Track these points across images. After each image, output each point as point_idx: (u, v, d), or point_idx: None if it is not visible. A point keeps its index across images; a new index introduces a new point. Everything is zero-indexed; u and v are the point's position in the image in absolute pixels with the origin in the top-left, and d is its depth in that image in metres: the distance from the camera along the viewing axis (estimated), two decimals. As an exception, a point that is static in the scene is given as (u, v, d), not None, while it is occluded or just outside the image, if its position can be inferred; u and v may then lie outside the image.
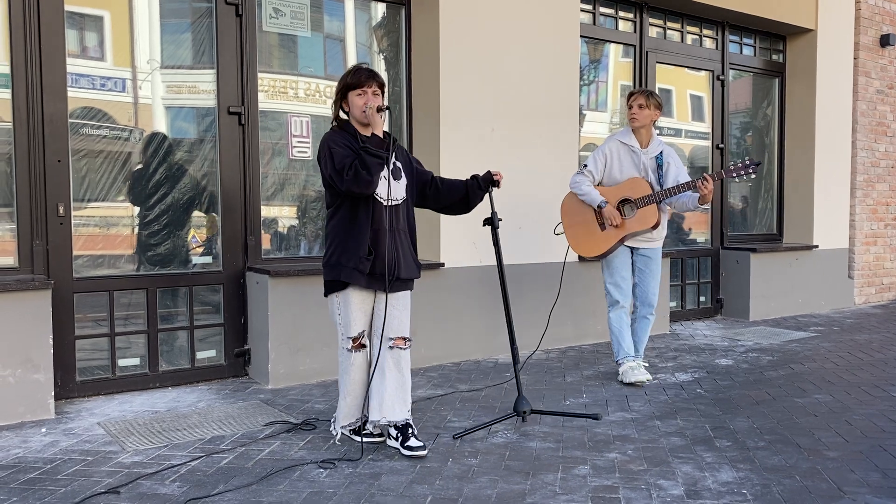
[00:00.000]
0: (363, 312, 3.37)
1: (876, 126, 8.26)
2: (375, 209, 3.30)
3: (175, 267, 4.58)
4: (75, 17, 4.24)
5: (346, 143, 3.29)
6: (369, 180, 3.18)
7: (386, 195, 3.32)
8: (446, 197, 3.59)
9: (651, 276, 4.69)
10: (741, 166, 4.38)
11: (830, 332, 6.49)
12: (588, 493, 2.87)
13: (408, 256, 3.41)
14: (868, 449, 3.40)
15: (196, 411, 3.99)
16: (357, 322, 3.35)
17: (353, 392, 3.40)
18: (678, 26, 7.01)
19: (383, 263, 3.29)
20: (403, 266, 3.37)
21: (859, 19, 7.97)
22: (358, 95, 3.33)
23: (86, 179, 4.29)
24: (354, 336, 3.36)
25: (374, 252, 3.29)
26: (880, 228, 8.44)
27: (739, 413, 3.98)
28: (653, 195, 4.47)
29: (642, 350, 4.79)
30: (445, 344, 5.20)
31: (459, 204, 3.61)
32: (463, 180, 3.61)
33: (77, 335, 4.24)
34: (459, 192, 3.59)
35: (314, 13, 5.01)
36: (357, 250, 3.27)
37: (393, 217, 3.35)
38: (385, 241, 3.30)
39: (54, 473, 3.07)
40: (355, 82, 3.32)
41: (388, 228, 3.32)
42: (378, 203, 3.31)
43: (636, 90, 4.63)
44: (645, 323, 4.77)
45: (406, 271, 3.38)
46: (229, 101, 4.67)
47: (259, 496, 2.83)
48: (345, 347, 3.38)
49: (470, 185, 3.58)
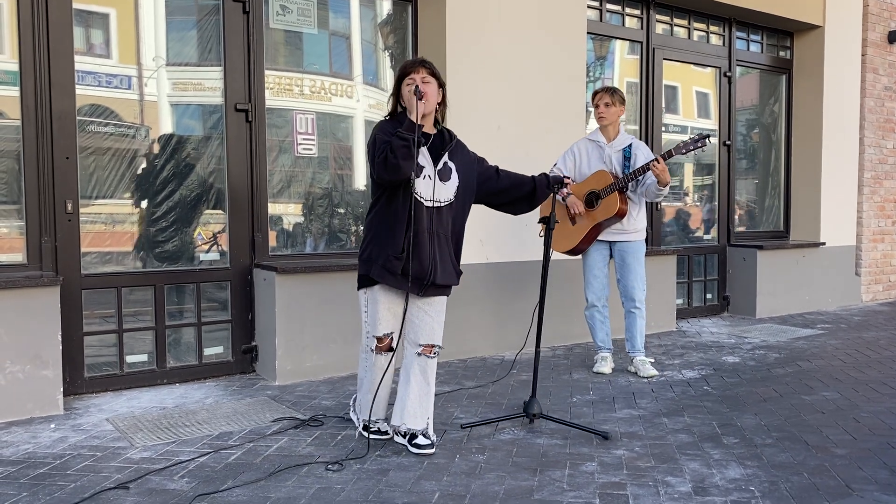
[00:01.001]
0: (392, 313, 3.27)
1: (884, 123, 8.23)
2: (416, 209, 3.17)
3: (182, 264, 4.59)
4: (82, 15, 4.25)
5: (391, 130, 3.18)
6: (395, 163, 3.04)
7: (429, 195, 3.20)
8: (513, 191, 3.48)
9: (629, 270, 4.69)
10: (690, 141, 4.42)
11: (838, 330, 6.47)
12: (596, 489, 2.87)
13: (446, 262, 3.27)
14: (876, 446, 3.39)
15: (204, 407, 4.00)
16: (384, 322, 3.27)
17: (372, 391, 3.38)
18: (685, 23, 6.99)
19: (419, 266, 3.18)
20: (440, 272, 3.23)
21: (867, 15, 7.93)
22: (406, 85, 3.23)
23: (93, 176, 4.30)
24: (380, 336, 3.28)
25: (409, 253, 3.16)
26: (888, 225, 8.41)
27: (747, 410, 3.97)
28: (614, 183, 4.53)
29: (639, 345, 4.75)
30: (452, 341, 5.20)
31: (524, 200, 3.51)
32: (530, 176, 3.54)
33: (85, 331, 4.25)
34: (527, 186, 3.49)
35: (321, 10, 5.01)
36: (389, 248, 3.17)
37: (435, 219, 3.22)
38: (423, 243, 3.18)
39: (63, 469, 3.08)
40: (404, 70, 3.24)
41: (428, 230, 3.20)
42: (419, 203, 3.18)
43: (600, 89, 4.71)
44: (632, 318, 4.75)
45: (442, 277, 3.24)
46: (236, 98, 4.67)
47: (267, 492, 2.84)
48: (368, 346, 3.34)
49: (539, 181, 3.50)
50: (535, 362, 3.71)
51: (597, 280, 4.73)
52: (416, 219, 3.18)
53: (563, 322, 5.73)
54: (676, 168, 7.06)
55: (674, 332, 6.32)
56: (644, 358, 4.75)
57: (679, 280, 6.98)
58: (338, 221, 5.14)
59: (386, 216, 3.21)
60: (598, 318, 4.81)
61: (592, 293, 4.76)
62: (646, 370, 4.69)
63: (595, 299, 4.76)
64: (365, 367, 3.40)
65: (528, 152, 5.51)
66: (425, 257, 3.19)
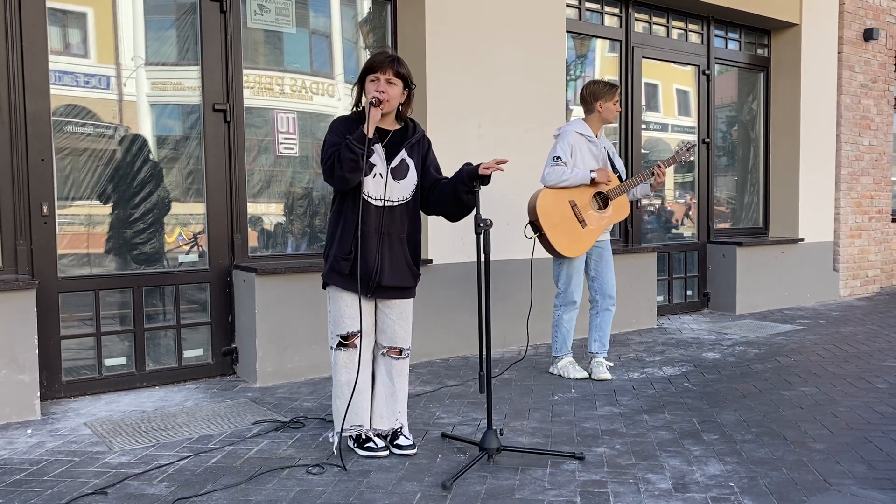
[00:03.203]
0: (354, 310, 3.14)
1: (860, 120, 8.32)
2: (364, 209, 3.07)
3: (161, 265, 4.55)
4: (58, 14, 4.20)
5: (344, 131, 3.06)
6: (341, 175, 2.95)
7: (379, 195, 3.10)
8: (438, 203, 3.21)
9: (607, 267, 4.71)
10: (683, 150, 4.62)
11: (816, 325, 6.54)
12: (576, 487, 2.88)
13: (398, 263, 3.15)
14: (853, 441, 3.43)
15: (183, 410, 3.97)
16: (346, 320, 3.15)
17: (342, 394, 3.19)
18: (664, 21, 7.02)
19: (364, 267, 3.08)
20: (388, 272, 3.12)
21: (843, 14, 8.02)
22: (371, 81, 3.07)
23: (70, 178, 4.25)
24: (343, 334, 3.16)
25: (356, 254, 3.07)
26: (865, 221, 8.51)
27: (727, 406, 4.00)
28: (622, 185, 4.55)
29: (607, 345, 4.74)
30: (434, 340, 5.20)
31: (453, 208, 3.18)
32: (450, 179, 3.19)
33: (62, 335, 4.21)
34: (446, 195, 3.16)
35: (299, 9, 4.98)
36: (338, 249, 3.10)
37: (385, 219, 3.12)
38: (370, 244, 3.09)
39: (40, 475, 3.04)
40: (370, 66, 3.07)
41: (377, 231, 3.11)
42: (367, 203, 3.09)
43: (616, 86, 4.62)
44: (608, 315, 4.72)
45: (390, 278, 3.12)
46: (214, 98, 4.64)
47: (247, 495, 2.82)
48: (331, 345, 3.22)
49: (455, 183, 3.12)
50: (488, 388, 3.18)
51: (581, 280, 4.68)
52: (364, 220, 3.07)
53: (545, 320, 5.74)
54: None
55: (654, 329, 6.36)
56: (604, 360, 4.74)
57: (659, 277, 7.02)
58: (319, 221, 5.12)
59: (339, 216, 3.14)
60: (574, 319, 4.75)
61: (579, 293, 4.67)
62: (605, 373, 4.63)
63: (579, 299, 4.70)
64: (334, 369, 3.22)
65: (509, 151, 5.52)
66: (371, 258, 3.10)
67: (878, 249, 8.74)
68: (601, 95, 4.59)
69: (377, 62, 3.07)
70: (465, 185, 3.09)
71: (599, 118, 4.62)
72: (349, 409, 3.20)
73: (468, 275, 5.34)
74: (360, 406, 3.22)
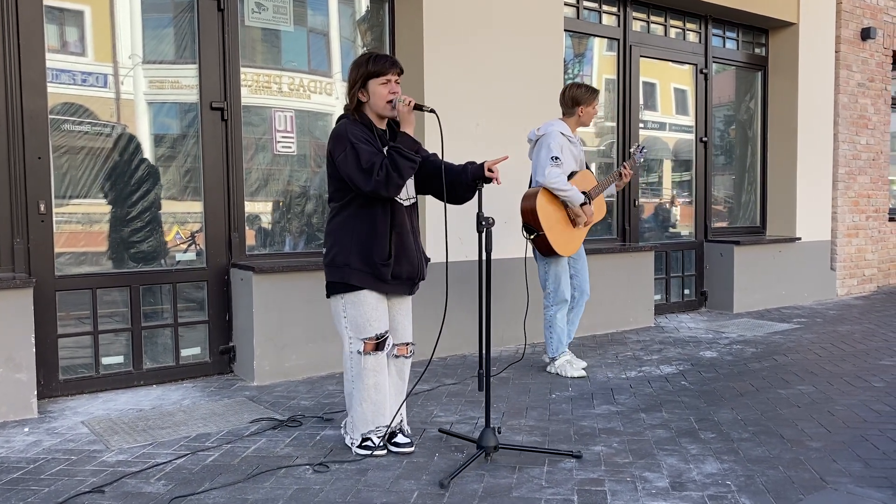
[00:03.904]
0: (381, 311, 3.13)
1: (857, 119, 8.33)
2: (396, 210, 3.10)
3: (158, 264, 4.54)
4: (55, 12, 4.19)
5: (367, 138, 3.04)
6: (400, 185, 2.97)
7: (405, 194, 3.15)
8: (436, 187, 3.22)
9: (584, 265, 4.90)
10: (637, 152, 4.85)
11: (813, 324, 6.55)
12: (574, 486, 2.89)
13: (423, 257, 3.25)
14: (850, 439, 3.44)
15: (181, 409, 3.96)
16: (375, 322, 3.11)
17: (368, 398, 3.15)
18: (661, 20, 7.03)
19: (409, 267, 3.14)
20: (426, 266, 3.25)
21: (840, 13, 8.03)
22: (382, 84, 3.05)
23: (67, 176, 4.25)
24: (370, 337, 3.11)
25: (396, 255, 3.10)
26: (862, 220, 8.52)
27: (724, 405, 4.01)
28: (599, 185, 4.70)
29: (573, 334, 4.93)
30: (432, 339, 5.20)
31: (451, 195, 3.23)
32: (460, 166, 3.21)
33: (60, 333, 4.20)
34: (449, 183, 3.19)
35: (297, 7, 4.98)
36: (374, 255, 3.06)
37: (411, 217, 3.19)
38: (409, 244, 3.14)
39: (37, 473, 3.04)
40: (378, 70, 3.04)
41: (411, 230, 3.16)
42: (397, 203, 3.11)
43: (595, 91, 4.71)
44: (580, 311, 4.92)
45: (425, 273, 3.27)
46: (212, 96, 4.63)
47: (245, 493, 2.82)
48: (355, 350, 3.13)
49: (460, 176, 3.17)
50: (487, 386, 3.18)
51: (568, 278, 4.78)
52: (400, 221, 3.12)
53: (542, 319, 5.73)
54: (655, 164, 7.11)
55: (652, 328, 6.37)
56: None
57: (657, 276, 7.03)
58: (316, 220, 5.12)
59: (362, 220, 3.08)
60: (565, 317, 4.80)
61: (569, 291, 4.76)
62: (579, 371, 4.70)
63: (569, 296, 4.78)
64: (351, 377, 3.18)
65: (507, 149, 5.52)
66: (413, 257, 3.17)
67: (875, 248, 8.75)
68: (583, 101, 4.69)
69: (384, 66, 3.06)
70: (469, 184, 3.16)
71: (577, 121, 4.74)
72: (376, 410, 3.18)
73: (466, 274, 5.34)
74: (386, 405, 3.22)
